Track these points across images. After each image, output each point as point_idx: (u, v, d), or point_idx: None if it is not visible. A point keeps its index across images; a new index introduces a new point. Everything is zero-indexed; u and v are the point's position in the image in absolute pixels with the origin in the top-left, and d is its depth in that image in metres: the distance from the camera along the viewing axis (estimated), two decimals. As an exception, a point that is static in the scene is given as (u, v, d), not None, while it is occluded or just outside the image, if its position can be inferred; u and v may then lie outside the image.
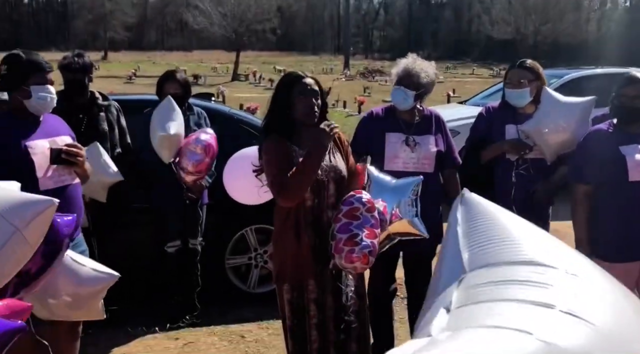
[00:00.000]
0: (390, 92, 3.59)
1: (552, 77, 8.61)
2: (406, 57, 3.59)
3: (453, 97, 19.85)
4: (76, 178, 3.07)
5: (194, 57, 57.90)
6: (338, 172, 2.88)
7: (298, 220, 2.81)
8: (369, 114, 3.72)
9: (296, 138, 2.85)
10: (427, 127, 3.57)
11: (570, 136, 3.50)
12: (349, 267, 2.64)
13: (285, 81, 2.92)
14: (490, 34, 48.87)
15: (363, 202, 2.71)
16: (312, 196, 2.82)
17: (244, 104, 16.71)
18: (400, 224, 2.94)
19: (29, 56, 2.95)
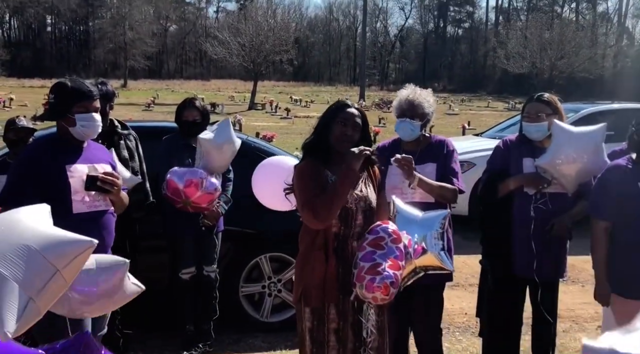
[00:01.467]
0: (395, 126, 3.58)
1: (569, 112, 8.59)
2: (405, 88, 3.60)
3: (468, 130, 19.88)
4: (110, 206, 3.12)
5: (212, 86, 58.62)
6: (368, 202, 2.90)
7: (327, 243, 2.83)
8: (377, 149, 3.69)
9: (332, 164, 2.88)
10: (431, 155, 3.52)
11: (585, 165, 3.48)
12: (369, 296, 2.62)
13: (332, 107, 2.98)
14: (506, 68, 49.04)
15: (389, 232, 2.70)
16: (338, 224, 2.83)
17: (260, 132, 16.84)
18: (426, 257, 2.87)
19: (74, 84, 3.02)
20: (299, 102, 37.42)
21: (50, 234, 1.91)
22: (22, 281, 1.74)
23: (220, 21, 68.88)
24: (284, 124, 24.68)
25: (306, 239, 2.90)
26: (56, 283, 1.83)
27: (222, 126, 4.22)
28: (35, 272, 1.78)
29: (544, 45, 44.24)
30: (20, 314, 1.72)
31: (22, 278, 1.75)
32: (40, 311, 1.82)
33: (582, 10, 71.26)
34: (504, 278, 3.64)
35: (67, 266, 1.86)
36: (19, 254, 1.78)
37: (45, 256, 1.81)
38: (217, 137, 4.12)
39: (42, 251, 1.81)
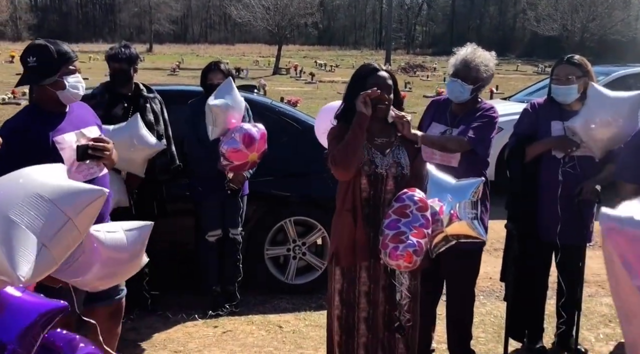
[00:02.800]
0: (447, 83, 3.50)
1: (599, 75, 8.37)
2: (465, 46, 3.48)
3: (496, 94, 19.54)
4: (104, 169, 3.04)
5: (236, 50, 58.35)
6: (399, 168, 2.87)
7: (355, 206, 2.83)
8: (430, 102, 3.72)
9: (366, 131, 2.84)
10: (471, 120, 3.42)
11: (618, 131, 3.42)
12: (392, 264, 2.63)
13: (361, 72, 2.94)
14: (536, 30, 47.87)
15: (415, 200, 2.68)
16: (368, 188, 2.84)
17: (285, 97, 16.80)
18: (458, 225, 2.86)
19: (57, 47, 2.83)
20: (323, 67, 37.09)
21: (62, 184, 1.95)
22: (34, 228, 1.79)
23: (244, -16, 68.28)
24: (308, 88, 24.54)
25: (339, 200, 2.92)
26: (70, 231, 1.87)
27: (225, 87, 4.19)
28: (46, 219, 1.82)
29: (575, 7, 42.99)
30: (33, 259, 1.77)
31: (34, 225, 1.80)
32: (55, 260, 1.86)
33: (616, -30, 69.01)
34: (530, 242, 3.63)
35: (79, 214, 1.90)
36: (30, 202, 1.83)
37: (57, 204, 1.85)
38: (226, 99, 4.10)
39: (53, 199, 1.85)
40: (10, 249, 1.73)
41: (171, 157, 4.32)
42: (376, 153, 2.86)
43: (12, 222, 1.77)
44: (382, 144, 2.90)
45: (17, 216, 1.78)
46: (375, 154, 2.86)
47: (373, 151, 2.86)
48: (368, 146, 2.86)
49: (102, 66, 4.31)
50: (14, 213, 1.78)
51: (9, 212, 1.78)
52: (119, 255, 2.37)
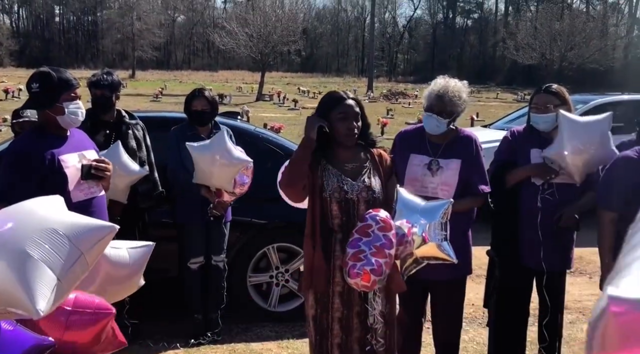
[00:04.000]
0: (422, 117, 3.48)
1: (578, 103, 8.57)
2: (441, 78, 3.42)
3: (477, 121, 19.80)
4: (102, 190, 3.25)
5: (220, 76, 58.60)
6: (371, 192, 2.89)
7: (314, 231, 2.87)
8: (400, 134, 3.65)
9: (333, 156, 2.91)
10: (457, 150, 3.41)
11: (593, 155, 3.47)
12: (351, 282, 2.63)
13: (327, 101, 2.95)
14: (515, 59, 48.73)
15: (377, 220, 2.67)
16: (340, 215, 2.85)
17: (268, 123, 16.85)
18: (428, 247, 2.86)
19: (59, 74, 3.08)
20: (306, 94, 37.36)
21: (75, 219, 2.00)
22: (50, 262, 1.82)
23: (228, 12, 68.81)
24: (291, 115, 24.66)
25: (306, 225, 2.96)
26: (80, 265, 1.91)
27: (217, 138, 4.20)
28: (62, 255, 1.86)
29: (554, 36, 43.90)
30: (49, 294, 1.79)
31: (51, 260, 1.83)
32: (65, 293, 1.90)
33: (593, 1, 70.63)
34: (512, 269, 3.65)
35: (91, 249, 1.94)
36: (47, 237, 1.86)
37: (72, 239, 1.89)
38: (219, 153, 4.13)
39: (68, 235, 1.90)
40: (28, 283, 1.75)
41: (154, 184, 4.31)
42: (346, 179, 2.88)
43: (28, 256, 1.80)
44: (352, 169, 2.92)
45: (33, 249, 1.82)
46: (345, 180, 2.88)
47: (343, 177, 2.88)
48: (338, 173, 2.88)
49: (84, 92, 4.33)
50: (30, 247, 1.82)
51: (26, 245, 1.82)
52: (118, 272, 2.40)
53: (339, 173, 2.88)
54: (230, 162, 4.09)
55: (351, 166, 2.92)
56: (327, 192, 2.84)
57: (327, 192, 2.84)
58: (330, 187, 2.84)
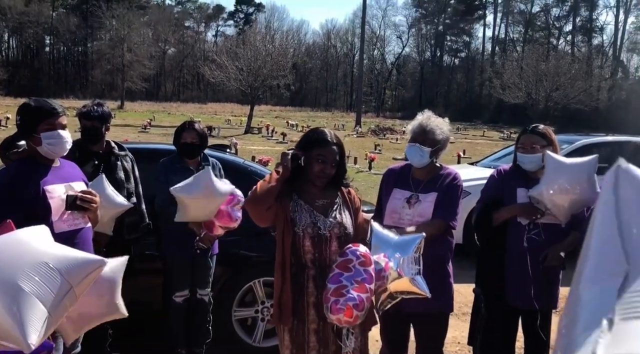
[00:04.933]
0: (405, 149, 3.57)
1: (564, 143, 8.67)
2: (421, 113, 3.57)
3: (464, 158, 19.95)
4: (89, 222, 3.20)
5: (209, 109, 58.86)
6: (342, 228, 2.92)
7: (284, 263, 2.85)
8: (388, 171, 3.74)
9: (303, 191, 2.93)
10: (437, 185, 3.48)
11: (578, 196, 3.51)
12: (333, 318, 2.61)
13: (312, 138, 2.98)
14: (501, 98, 49.43)
15: (357, 255, 2.69)
16: (312, 250, 2.86)
17: (257, 156, 16.89)
18: (401, 282, 2.85)
19: (37, 104, 3.06)
20: (295, 127, 37.57)
21: (65, 252, 1.99)
22: (42, 297, 1.81)
23: (218, 45, 69.50)
24: (279, 148, 24.71)
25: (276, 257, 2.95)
26: (69, 299, 1.90)
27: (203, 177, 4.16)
28: (53, 288, 1.85)
29: (539, 77, 44.68)
30: (40, 327, 1.78)
31: (42, 293, 1.82)
32: (54, 325, 1.88)
33: (578, 43, 72.16)
34: (498, 307, 3.65)
35: (80, 283, 1.93)
36: (38, 270, 1.85)
37: (62, 273, 1.88)
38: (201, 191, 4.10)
39: (59, 269, 1.89)
40: (20, 317, 1.75)
41: (141, 216, 4.29)
42: (318, 215, 2.90)
43: (20, 289, 1.79)
44: (323, 205, 2.94)
45: (25, 282, 1.81)
46: (317, 216, 2.90)
47: (315, 213, 2.90)
48: (310, 209, 2.90)
49: (73, 122, 4.35)
50: (22, 280, 1.81)
51: (17, 278, 1.80)
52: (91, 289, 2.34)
53: (311, 209, 2.91)
54: (214, 196, 4.07)
55: (322, 202, 2.95)
56: (300, 227, 2.85)
57: (300, 227, 2.85)
58: (303, 222, 2.86)
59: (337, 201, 2.99)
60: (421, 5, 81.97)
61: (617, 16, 70.12)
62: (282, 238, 2.87)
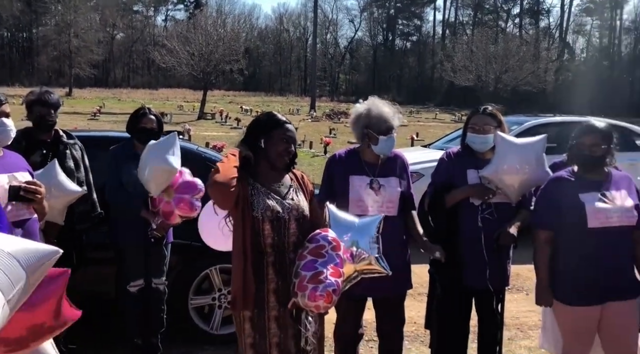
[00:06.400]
0: (381, 143, 3.49)
1: (513, 124, 8.84)
2: (372, 99, 3.58)
3: (417, 141, 20.17)
4: (34, 213, 3.10)
5: (160, 95, 57.91)
6: (300, 211, 2.93)
7: (245, 249, 2.83)
8: (332, 157, 3.71)
9: (258, 175, 2.92)
10: (392, 169, 3.58)
11: (529, 176, 3.60)
12: (311, 305, 2.61)
13: (267, 122, 2.97)
14: (452, 81, 50.15)
15: (329, 240, 2.72)
16: (272, 234, 2.85)
17: (210, 142, 16.71)
18: (365, 262, 2.91)
19: None
20: (249, 112, 37.32)
21: (21, 241, 1.93)
22: (1, 285, 1.73)
23: (168, 30, 68.02)
24: (234, 134, 24.54)
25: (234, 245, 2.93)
26: (24, 289, 1.82)
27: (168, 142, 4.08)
28: (13, 277, 1.78)
29: (489, 59, 45.51)
30: None
31: (2, 282, 1.74)
32: (7, 316, 1.80)
33: (525, 26, 73.56)
34: (452, 287, 3.71)
35: (34, 273, 1.86)
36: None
37: (20, 261, 1.81)
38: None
39: (17, 257, 1.81)
40: None
41: (92, 205, 4.19)
42: (276, 198, 2.90)
43: None
44: (279, 188, 2.95)
45: None
46: (275, 198, 2.90)
47: (272, 196, 2.90)
48: (267, 192, 2.89)
49: (18, 111, 4.23)
50: None
51: None
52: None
53: (268, 192, 2.90)
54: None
55: (277, 185, 2.96)
56: (259, 210, 2.84)
57: (259, 210, 2.84)
58: (261, 205, 2.84)
59: (292, 184, 3.01)
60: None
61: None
62: (241, 223, 2.84)
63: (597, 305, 3.25)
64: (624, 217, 3.22)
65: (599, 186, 3.28)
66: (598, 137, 3.29)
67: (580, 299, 3.25)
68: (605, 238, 3.19)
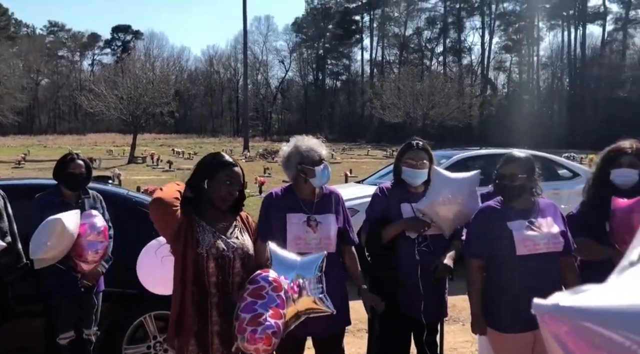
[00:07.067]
0: (318, 174, 3.50)
1: (441, 158, 9.09)
2: (302, 137, 3.65)
3: (350, 177, 20.40)
4: None
5: (88, 140, 56.66)
6: (245, 250, 2.91)
7: (184, 284, 2.78)
8: (269, 196, 3.67)
9: (203, 214, 2.89)
10: (328, 205, 3.59)
11: (462, 209, 3.70)
12: (251, 348, 2.57)
13: (212, 163, 2.96)
14: (382, 118, 51.28)
15: (269, 281, 2.69)
16: (216, 272, 2.81)
17: (142, 186, 16.38)
18: (306, 301, 2.90)
19: None
20: (181, 155, 36.87)
21: None
22: None
23: (96, 74, 67.06)
24: (166, 177, 24.15)
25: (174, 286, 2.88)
26: None
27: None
28: None
29: (416, 96, 46.88)
30: None
31: None
32: None
33: (449, 64, 76.35)
34: (391, 321, 3.73)
35: None
36: None
37: None
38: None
39: None
40: None
41: (17, 256, 4.02)
42: (222, 236, 2.88)
43: None
44: (224, 227, 2.94)
45: None
46: (220, 237, 2.88)
47: (217, 234, 2.88)
48: (212, 230, 2.87)
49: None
50: None
51: None
52: None
53: (213, 230, 2.88)
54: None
55: (222, 224, 2.94)
56: (204, 247, 2.80)
57: (204, 247, 2.80)
58: (206, 242, 2.81)
59: (236, 223, 2.99)
60: (301, 30, 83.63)
61: (482, 37, 75.19)
62: (182, 261, 2.79)
63: (530, 331, 3.33)
64: (550, 243, 3.33)
65: (526, 214, 3.39)
66: (518, 167, 3.42)
67: (513, 326, 3.32)
68: (534, 265, 3.29)
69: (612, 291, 1.12)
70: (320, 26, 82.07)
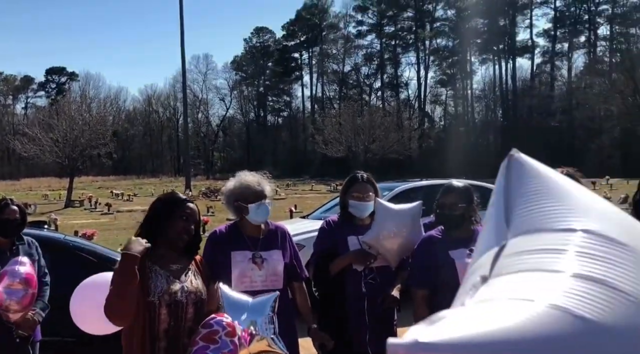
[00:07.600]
0: (252, 212, 3.45)
1: (384, 190, 9.18)
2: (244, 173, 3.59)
3: (295, 212, 20.39)
4: None
5: (22, 185, 54.80)
6: (198, 295, 2.84)
7: (144, 343, 2.68)
8: (213, 234, 3.62)
9: (157, 257, 2.81)
10: (273, 241, 3.54)
11: (406, 240, 3.73)
12: None
13: (168, 201, 2.92)
14: (325, 152, 51.72)
15: (223, 325, 2.62)
16: (168, 319, 2.72)
17: (80, 230, 15.90)
18: (259, 343, 2.82)
19: None
20: (120, 197, 36.07)
21: None
22: None
23: (29, 117, 65.34)
24: (105, 220, 23.56)
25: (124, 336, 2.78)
26: None
27: None
28: None
29: (357, 131, 47.65)
30: None
31: None
32: None
33: (387, 98, 77.98)
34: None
35: None
36: None
37: None
38: None
39: None
40: None
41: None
42: (175, 281, 2.80)
43: None
44: (178, 270, 2.86)
45: None
46: (173, 281, 2.80)
47: (171, 279, 2.80)
48: (166, 274, 2.79)
49: None
50: None
51: None
52: None
53: (167, 274, 2.79)
54: None
55: (176, 266, 2.86)
56: (156, 295, 2.71)
57: (156, 295, 2.71)
58: (159, 289, 2.72)
59: (190, 266, 2.92)
60: (240, 68, 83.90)
61: (418, 72, 77.27)
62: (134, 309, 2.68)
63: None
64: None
65: (467, 242, 3.44)
66: (457, 197, 3.49)
67: None
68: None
69: (470, 315, 1.06)
70: (260, 64, 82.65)
